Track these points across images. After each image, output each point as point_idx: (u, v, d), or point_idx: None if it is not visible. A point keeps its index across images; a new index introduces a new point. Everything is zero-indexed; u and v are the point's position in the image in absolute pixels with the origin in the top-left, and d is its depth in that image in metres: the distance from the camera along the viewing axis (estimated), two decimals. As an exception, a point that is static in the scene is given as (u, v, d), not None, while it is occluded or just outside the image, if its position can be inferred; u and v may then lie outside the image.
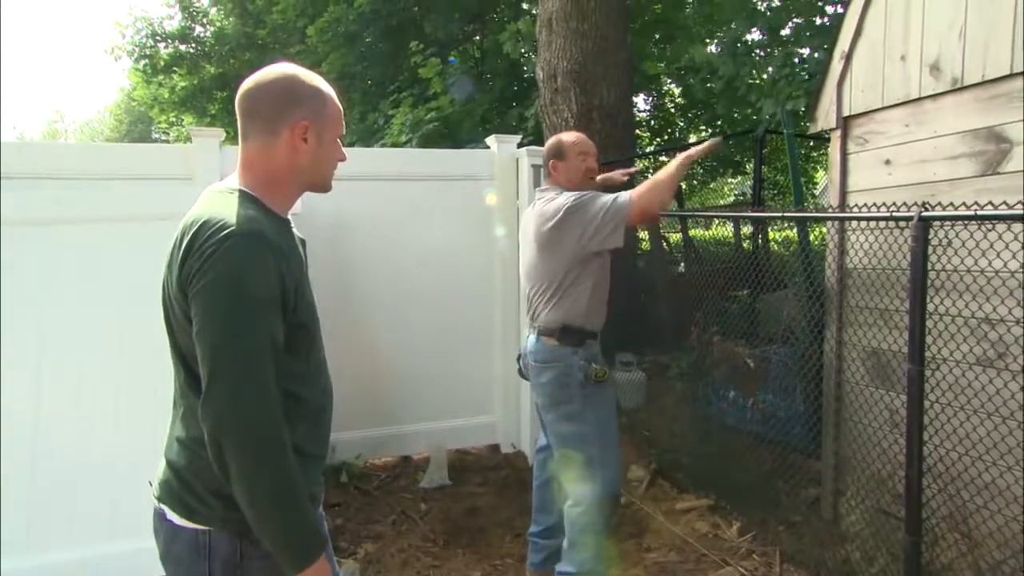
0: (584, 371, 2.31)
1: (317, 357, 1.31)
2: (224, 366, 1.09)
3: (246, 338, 1.10)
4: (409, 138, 7.51)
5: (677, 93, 11.10)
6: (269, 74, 1.25)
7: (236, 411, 1.08)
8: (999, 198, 2.13)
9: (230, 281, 1.09)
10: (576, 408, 2.33)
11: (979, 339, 2.29)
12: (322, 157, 1.28)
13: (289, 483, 1.11)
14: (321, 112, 1.26)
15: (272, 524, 1.11)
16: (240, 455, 1.09)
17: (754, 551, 2.88)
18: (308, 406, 1.26)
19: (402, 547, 3.04)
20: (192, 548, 1.19)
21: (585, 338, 2.36)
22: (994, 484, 2.15)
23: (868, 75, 2.86)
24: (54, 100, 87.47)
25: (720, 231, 6.40)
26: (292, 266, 1.19)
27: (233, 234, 1.10)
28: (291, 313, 1.17)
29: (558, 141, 2.53)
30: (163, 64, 12.72)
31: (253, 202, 1.20)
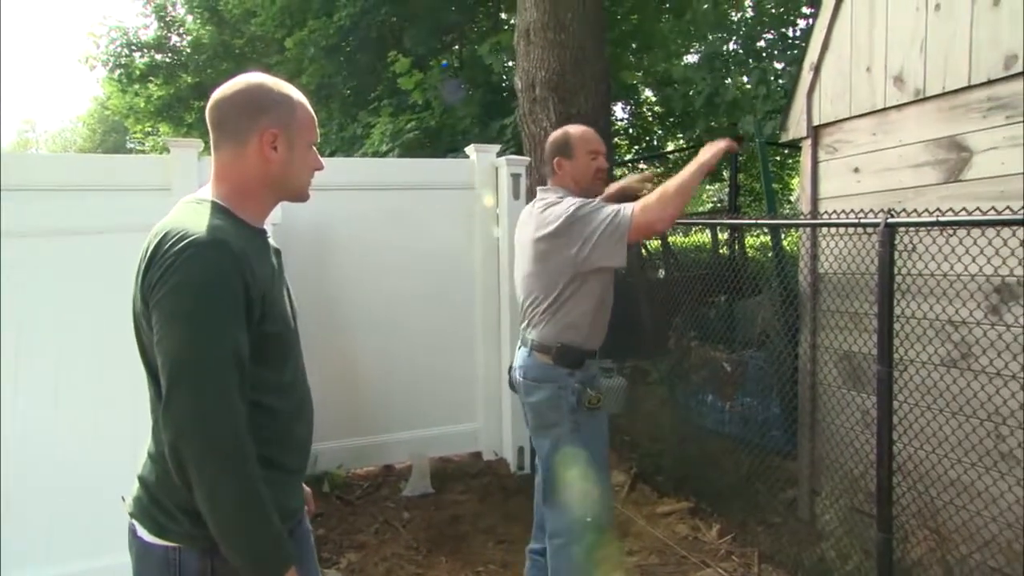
0: (578, 395, 2.10)
1: (293, 368, 1.28)
2: (182, 375, 1.07)
3: (205, 347, 1.08)
4: (390, 147, 7.53)
5: (655, 102, 11.25)
6: (236, 84, 1.24)
7: (195, 421, 1.07)
8: (961, 205, 2.22)
9: (189, 290, 1.08)
10: (565, 433, 2.13)
11: (943, 341, 2.37)
12: (294, 165, 1.26)
13: (252, 495, 1.09)
14: (290, 119, 1.25)
15: (235, 537, 1.09)
16: (200, 466, 1.06)
17: (733, 552, 2.93)
18: (281, 418, 1.24)
19: (385, 556, 3.04)
20: (162, 565, 1.16)
21: (584, 359, 2.15)
22: (960, 481, 2.22)
23: (836, 86, 2.95)
24: (25, 110, 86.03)
25: (698, 237, 6.49)
26: (259, 275, 1.17)
27: (193, 243, 1.10)
28: (258, 323, 1.15)
29: (564, 135, 2.26)
30: (139, 74, 12.59)
31: (222, 212, 1.20)
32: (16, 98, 71.69)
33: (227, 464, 1.07)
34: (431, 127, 7.65)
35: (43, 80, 77.97)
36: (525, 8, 5.47)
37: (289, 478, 1.28)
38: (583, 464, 2.10)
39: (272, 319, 1.19)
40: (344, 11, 8.83)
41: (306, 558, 1.41)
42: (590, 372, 2.19)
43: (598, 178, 2.24)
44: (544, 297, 2.13)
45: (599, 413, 2.17)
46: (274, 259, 1.30)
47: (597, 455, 2.16)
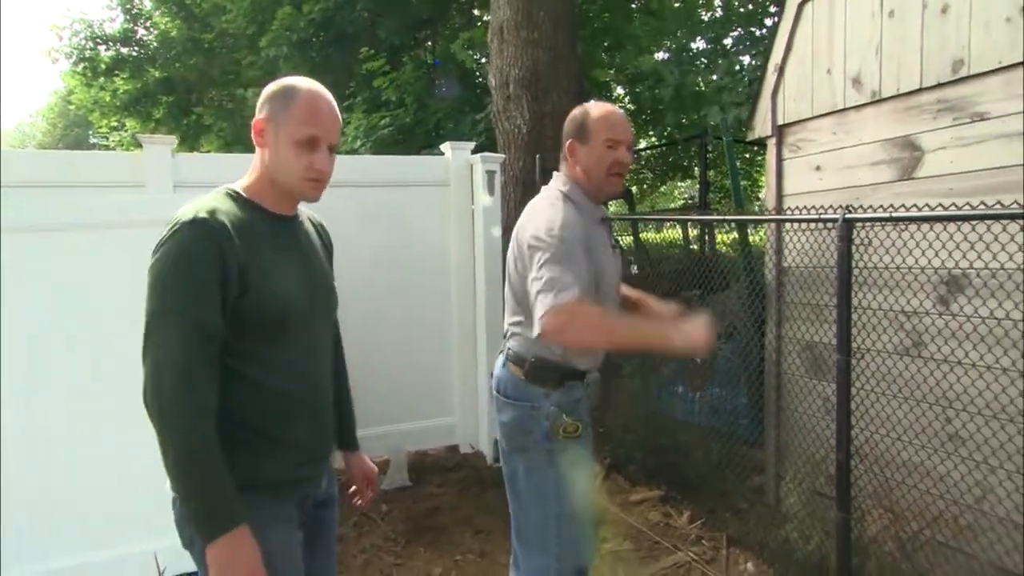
0: (551, 421, 1.75)
1: (292, 346, 1.32)
2: (149, 338, 1.19)
3: (169, 316, 1.18)
4: (363, 143, 7.53)
5: (626, 99, 11.39)
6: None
7: (152, 378, 1.18)
8: (915, 201, 2.34)
9: (163, 263, 1.19)
10: (536, 462, 1.79)
11: (897, 330, 2.50)
12: (278, 158, 1.28)
13: (197, 452, 1.16)
14: (280, 112, 1.27)
15: (182, 489, 1.19)
16: (156, 418, 1.17)
17: (703, 537, 3.04)
18: (273, 394, 1.29)
19: (364, 547, 3.09)
20: (179, 517, 1.27)
21: (565, 379, 1.77)
22: (910, 461, 2.36)
23: (799, 86, 3.06)
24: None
25: (671, 234, 6.62)
26: (252, 255, 1.23)
27: (181, 223, 1.21)
28: (237, 297, 1.22)
29: (583, 113, 1.84)
30: (104, 67, 12.34)
31: (230, 196, 1.30)
32: (-28, 91, 69.27)
33: (171, 424, 1.16)
34: (405, 124, 7.67)
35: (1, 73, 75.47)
36: (499, 6, 5.52)
37: (281, 449, 1.32)
38: (555, 500, 1.77)
39: (262, 297, 1.24)
40: (316, 5, 8.77)
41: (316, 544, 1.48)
42: (572, 395, 1.78)
43: (613, 173, 1.81)
44: (518, 301, 1.82)
45: (578, 442, 1.78)
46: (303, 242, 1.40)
47: (573, 489, 1.78)
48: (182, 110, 12.21)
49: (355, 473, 1.73)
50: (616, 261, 1.90)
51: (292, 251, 1.36)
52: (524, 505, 1.86)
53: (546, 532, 1.80)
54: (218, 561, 1.16)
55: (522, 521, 1.89)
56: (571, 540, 1.80)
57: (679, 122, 8.83)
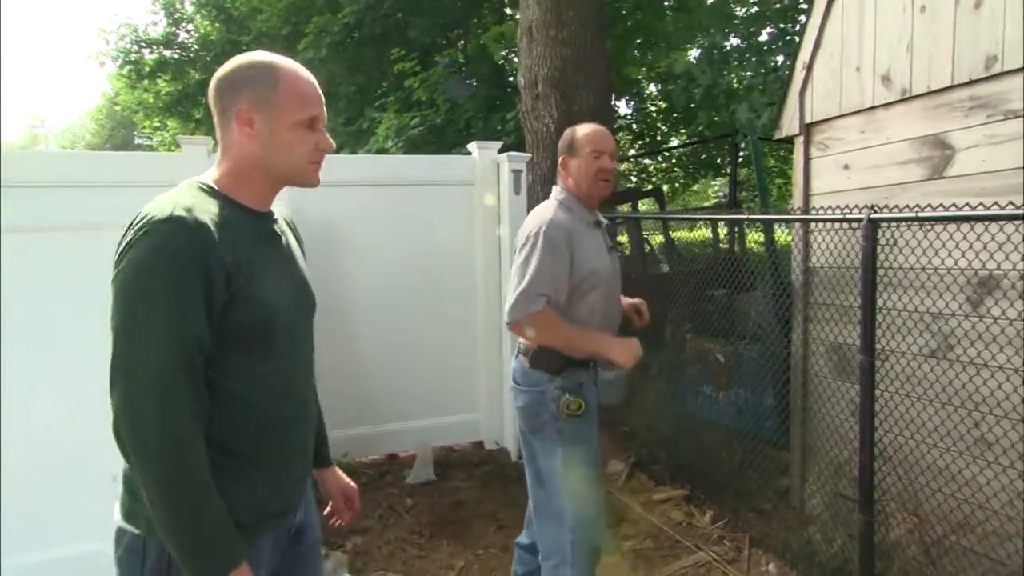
0: (556, 401, 1.97)
1: (277, 356, 1.19)
2: (120, 359, 1.02)
3: (145, 330, 1.01)
4: (394, 143, 7.64)
5: (658, 97, 11.31)
6: (230, 62, 1.18)
7: (129, 407, 1.01)
8: (945, 200, 2.30)
9: (137, 269, 1.02)
10: (547, 442, 2.01)
11: (922, 331, 2.45)
12: (275, 146, 1.16)
13: (182, 492, 1.01)
14: (267, 95, 1.15)
15: (168, 532, 1.03)
16: (135, 453, 1.02)
17: (725, 537, 3.03)
18: (255, 410, 1.16)
19: (388, 539, 3.16)
20: (129, 552, 1.11)
21: (567, 365, 1.98)
22: (934, 465, 2.31)
23: (827, 84, 3.02)
24: (35, 106, 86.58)
25: (702, 233, 6.58)
26: (237, 256, 1.09)
27: (153, 221, 1.04)
28: (225, 304, 1.07)
29: (571, 133, 2.15)
30: (148, 70, 12.75)
31: (207, 191, 1.14)
32: (26, 94, 72.14)
33: (155, 458, 1.01)
34: (436, 124, 7.75)
35: (52, 76, 78.54)
36: (527, 6, 5.55)
37: (265, 476, 1.18)
38: (569, 475, 1.98)
39: (248, 303, 1.10)
40: (349, 7, 8.92)
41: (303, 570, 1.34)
42: (575, 379, 2.01)
43: (600, 179, 2.08)
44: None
45: (585, 421, 2.01)
46: (278, 242, 1.24)
47: (584, 464, 2.00)
48: (221, 110, 12.53)
49: (332, 491, 1.54)
50: (614, 262, 2.15)
51: (274, 250, 1.22)
52: (542, 482, 2.06)
53: (562, 508, 1.99)
54: None
55: (540, 498, 2.09)
56: (585, 516, 1.98)
57: (711, 120, 8.75)
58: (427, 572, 2.89)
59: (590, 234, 2.08)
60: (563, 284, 1.96)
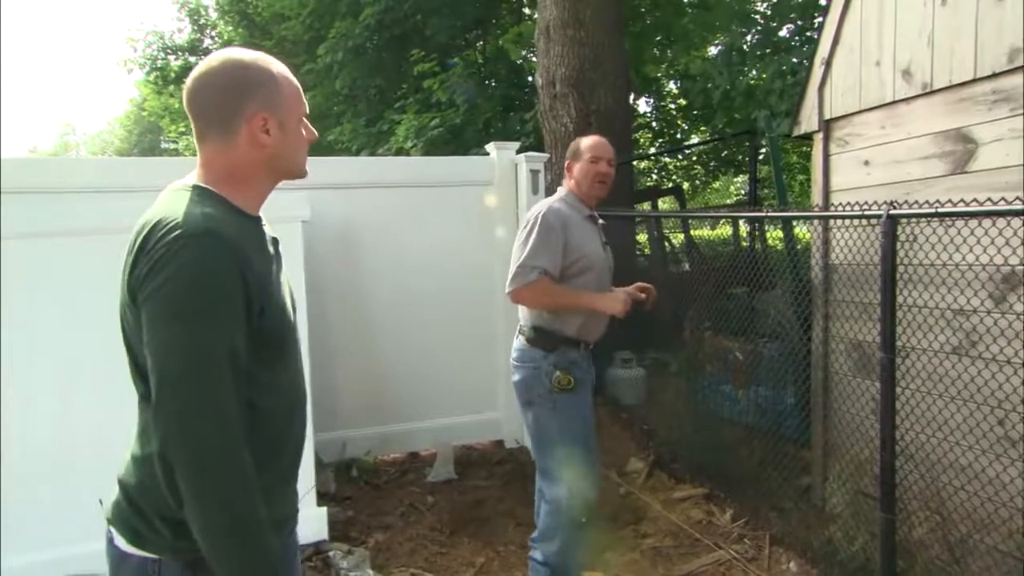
0: (549, 377, 2.26)
1: (289, 364, 1.19)
2: (173, 379, 0.98)
3: (198, 347, 0.98)
4: (414, 144, 7.70)
5: (678, 94, 11.24)
6: (212, 66, 1.11)
7: (186, 429, 0.97)
8: (968, 196, 2.27)
9: (181, 285, 0.98)
10: (542, 412, 2.30)
11: (943, 328, 2.42)
12: (289, 145, 1.16)
13: (247, 511, 1.00)
14: (276, 98, 1.13)
15: (225, 555, 1.00)
16: (191, 479, 0.97)
17: (745, 536, 3.02)
18: (276, 419, 1.16)
19: (410, 536, 3.20)
20: (141, 572, 1.08)
21: (559, 344, 2.28)
22: (957, 463, 2.29)
23: (847, 80, 3.00)
24: (66, 113, 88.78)
25: (725, 231, 6.52)
26: (257, 267, 1.07)
27: (185, 234, 0.99)
28: (257, 317, 1.06)
29: (575, 143, 2.50)
30: (174, 75, 13.02)
31: (211, 198, 1.09)
32: (58, 102, 73.97)
33: (218, 478, 0.98)
34: (455, 124, 7.80)
35: (83, 84, 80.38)
36: (545, 6, 5.57)
37: (283, 484, 1.20)
38: (561, 441, 2.29)
39: (272, 311, 1.10)
40: (370, 8, 9.01)
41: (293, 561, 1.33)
42: (568, 356, 2.30)
43: (597, 181, 2.40)
44: None
45: (576, 394, 2.30)
46: (271, 248, 1.20)
47: (575, 433, 2.30)
48: (244, 115, 12.76)
49: None
50: (607, 256, 2.45)
51: (272, 256, 1.19)
52: (540, 448, 2.37)
53: (558, 468, 2.30)
54: None
55: (541, 462, 2.40)
56: (577, 474, 2.29)
57: (731, 118, 8.68)
58: (448, 568, 2.93)
59: (585, 225, 2.37)
60: (558, 261, 2.24)
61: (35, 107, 73.56)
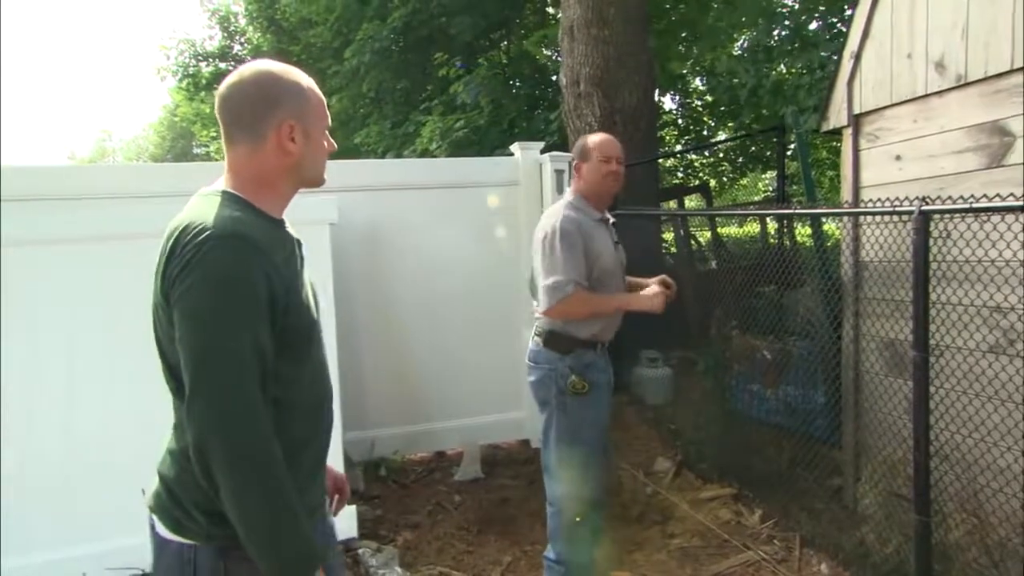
0: (565, 379, 2.28)
1: (314, 361, 1.24)
2: (205, 375, 1.04)
3: (228, 345, 1.04)
4: (439, 146, 7.76)
5: (704, 91, 11.12)
6: (245, 76, 1.19)
7: (219, 423, 1.03)
8: (1005, 190, 2.22)
9: (210, 285, 1.04)
10: (554, 412, 2.33)
11: (992, 328, 2.36)
12: (313, 154, 1.23)
13: (278, 499, 1.05)
14: (304, 109, 1.20)
15: (261, 541, 1.06)
16: (226, 469, 1.04)
17: (775, 537, 2.98)
18: (303, 414, 1.21)
19: (438, 535, 3.23)
20: (177, 561, 1.15)
21: (575, 346, 2.30)
22: (995, 464, 2.23)
23: (877, 73, 2.94)
24: (103, 120, 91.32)
25: (752, 228, 6.44)
26: (281, 267, 1.13)
27: (213, 236, 1.05)
28: (281, 316, 1.11)
29: (583, 141, 2.46)
30: (205, 82, 13.30)
31: (238, 203, 1.15)
32: (95, 109, 76.11)
33: (252, 469, 1.04)
34: (479, 125, 7.83)
35: (119, 92, 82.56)
36: (569, 5, 5.56)
37: (311, 476, 1.25)
38: (567, 442, 2.33)
39: (295, 311, 1.15)
40: (396, 12, 9.09)
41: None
42: (584, 359, 2.31)
43: (608, 180, 2.39)
44: (535, 290, 2.40)
45: (589, 398, 2.30)
46: (295, 249, 1.25)
47: (581, 436, 2.32)
48: (273, 119, 12.98)
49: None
50: (619, 255, 2.45)
51: (295, 258, 1.24)
52: (548, 447, 2.40)
53: (560, 466, 2.35)
54: None
55: (546, 458, 2.43)
56: (578, 475, 2.33)
57: (759, 114, 8.56)
58: (475, 567, 2.95)
59: (597, 229, 2.38)
60: (583, 269, 2.26)
61: (74, 115, 75.83)
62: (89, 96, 78.85)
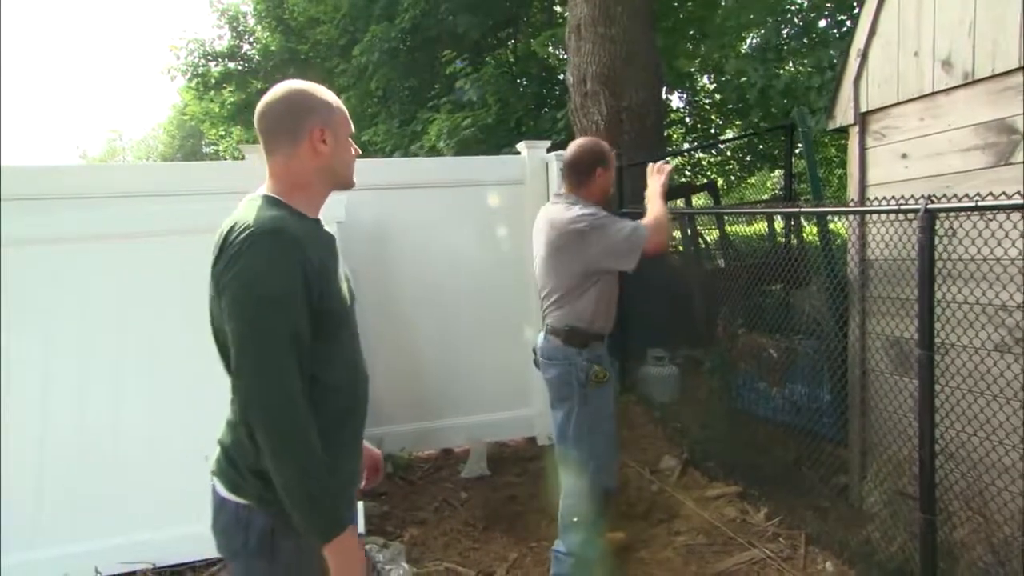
0: (586, 372, 2.39)
1: (346, 345, 1.39)
2: (247, 354, 1.19)
3: (266, 328, 1.19)
4: (446, 143, 7.77)
5: (711, 89, 11.08)
6: (279, 94, 1.37)
7: (259, 396, 1.19)
8: (1011, 188, 2.20)
9: (251, 276, 1.20)
10: (576, 405, 2.41)
11: (997, 326, 2.36)
12: (341, 156, 1.41)
13: (313, 467, 1.20)
14: (331, 116, 1.39)
15: (299, 502, 1.21)
16: (266, 437, 1.19)
17: (780, 535, 2.99)
18: (334, 390, 1.34)
19: (444, 531, 3.25)
20: (233, 519, 1.31)
21: (590, 340, 2.43)
22: (1000, 463, 2.22)
23: (883, 71, 2.94)
24: (113, 120, 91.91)
25: (759, 227, 6.41)
26: (315, 258, 1.27)
27: (254, 233, 1.22)
28: (317, 300, 1.26)
29: (602, 149, 2.52)
30: (214, 81, 13.37)
31: (277, 204, 1.32)
32: (105, 109, 76.68)
33: (288, 438, 1.19)
34: (487, 123, 7.84)
35: (129, 92, 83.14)
36: (576, 4, 5.57)
37: (348, 456, 1.40)
38: (590, 433, 2.43)
39: (329, 296, 1.31)
40: (406, 14, 9.10)
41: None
42: (596, 352, 2.45)
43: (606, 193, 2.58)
44: (556, 288, 2.46)
45: (606, 387, 2.45)
46: (331, 244, 1.42)
47: (604, 425, 2.47)
48: (281, 119, 13.00)
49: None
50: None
51: (330, 251, 1.41)
52: (567, 440, 2.46)
53: (582, 459, 2.42)
54: (341, 556, 1.24)
55: (566, 454, 2.48)
56: (601, 465, 2.45)
57: (768, 112, 8.52)
58: (481, 563, 2.97)
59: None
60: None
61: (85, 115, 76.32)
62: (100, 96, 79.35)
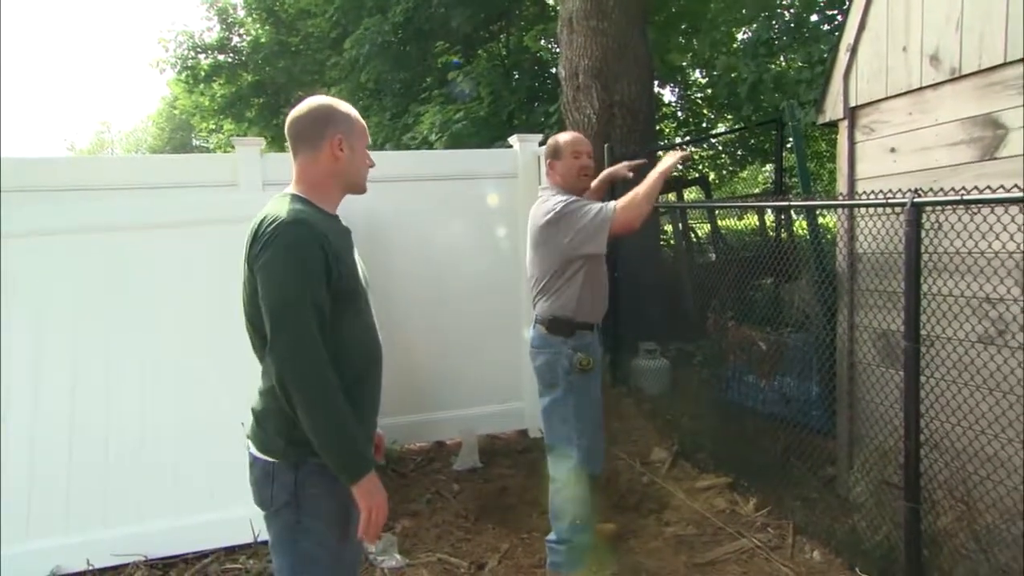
0: (570, 360, 2.47)
1: (362, 319, 1.60)
2: (281, 323, 1.42)
3: (296, 300, 1.42)
4: (438, 137, 7.75)
5: (704, 83, 11.10)
6: (309, 104, 1.62)
7: (293, 358, 1.42)
8: (997, 182, 2.24)
9: (281, 258, 1.43)
10: (560, 393, 2.50)
11: (980, 318, 2.39)
12: (356, 162, 1.65)
13: (340, 414, 1.43)
14: (351, 128, 1.64)
15: (330, 446, 1.44)
16: (300, 394, 1.41)
17: (769, 525, 3.03)
18: (350, 355, 1.54)
19: (436, 523, 3.27)
20: (263, 474, 1.54)
21: (576, 329, 2.50)
22: (983, 452, 2.26)
23: (872, 66, 2.96)
24: (101, 112, 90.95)
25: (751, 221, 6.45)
26: (334, 244, 1.50)
27: (283, 222, 1.46)
28: (336, 280, 1.48)
29: (554, 141, 2.64)
30: (204, 74, 13.26)
31: (302, 201, 1.56)
32: (94, 101, 75.85)
33: (319, 393, 1.42)
34: (479, 117, 7.82)
35: (117, 84, 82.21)
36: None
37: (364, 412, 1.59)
38: (576, 420, 2.50)
39: (347, 277, 1.54)
40: (399, 7, 9.05)
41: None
42: (583, 340, 2.52)
43: (582, 175, 2.58)
44: (540, 279, 2.55)
45: (591, 375, 2.53)
46: (347, 235, 1.65)
47: (589, 412, 2.54)
48: (272, 111, 12.95)
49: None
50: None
51: (347, 241, 1.64)
52: (553, 427, 2.56)
53: (568, 445, 2.50)
54: (367, 494, 1.47)
55: (553, 440, 2.58)
56: (587, 450, 2.52)
57: (759, 106, 8.54)
58: (473, 554, 2.99)
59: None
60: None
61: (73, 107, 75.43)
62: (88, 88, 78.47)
